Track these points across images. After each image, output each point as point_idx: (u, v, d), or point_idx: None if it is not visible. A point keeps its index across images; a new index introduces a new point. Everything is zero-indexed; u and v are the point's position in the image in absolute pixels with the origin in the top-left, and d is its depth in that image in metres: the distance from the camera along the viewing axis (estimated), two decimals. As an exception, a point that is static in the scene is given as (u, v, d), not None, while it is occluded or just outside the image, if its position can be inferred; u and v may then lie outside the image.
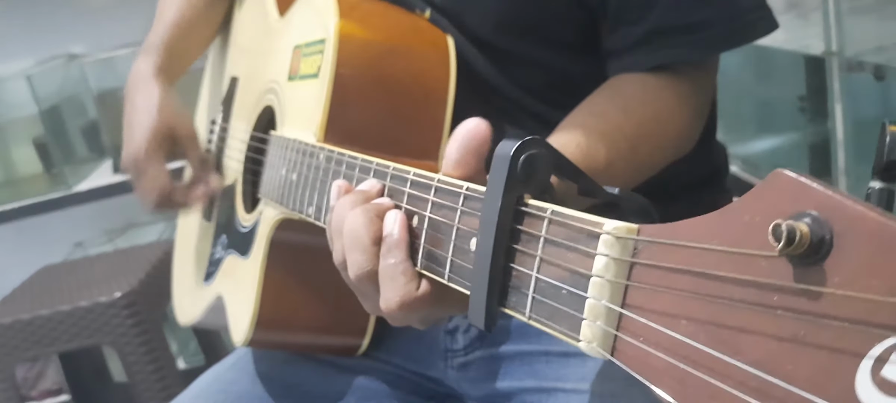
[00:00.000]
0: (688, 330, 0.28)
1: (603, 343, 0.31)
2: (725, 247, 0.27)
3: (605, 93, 0.63)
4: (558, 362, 0.66)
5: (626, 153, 0.58)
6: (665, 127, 0.62)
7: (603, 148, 0.56)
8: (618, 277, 0.31)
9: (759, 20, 0.63)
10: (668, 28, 0.62)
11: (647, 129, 0.60)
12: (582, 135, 0.56)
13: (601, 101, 0.61)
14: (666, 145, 0.63)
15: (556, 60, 0.68)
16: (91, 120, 2.13)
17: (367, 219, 0.45)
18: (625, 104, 0.61)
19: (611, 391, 0.62)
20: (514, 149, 0.36)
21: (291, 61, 0.72)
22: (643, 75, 0.63)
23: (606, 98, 0.62)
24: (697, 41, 0.62)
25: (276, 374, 0.76)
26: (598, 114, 0.59)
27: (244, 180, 0.81)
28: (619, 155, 0.57)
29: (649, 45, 0.62)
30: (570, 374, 0.65)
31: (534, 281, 0.35)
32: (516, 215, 0.37)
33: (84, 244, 2.10)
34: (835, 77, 1.32)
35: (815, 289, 0.24)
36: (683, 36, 0.62)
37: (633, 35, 0.63)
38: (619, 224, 0.31)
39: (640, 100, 0.61)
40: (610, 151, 0.57)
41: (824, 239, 0.24)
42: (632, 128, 0.59)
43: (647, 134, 0.60)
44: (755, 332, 0.26)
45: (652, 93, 0.62)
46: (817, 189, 0.24)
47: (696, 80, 0.64)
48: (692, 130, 0.65)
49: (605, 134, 0.57)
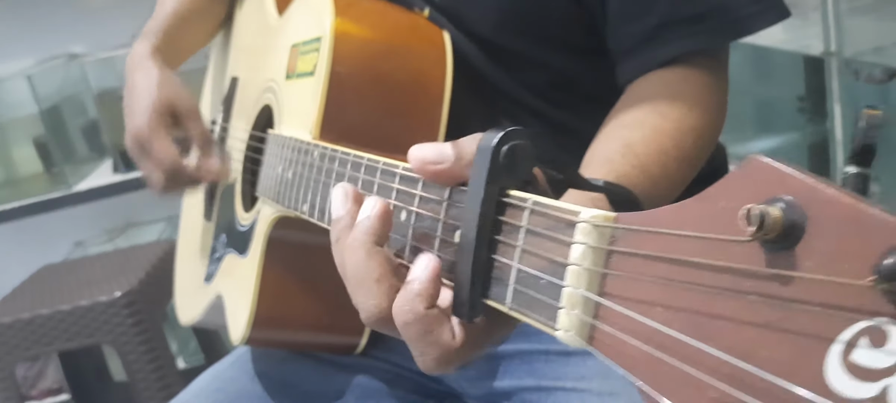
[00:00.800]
0: (663, 318, 0.27)
1: (580, 331, 0.31)
2: (701, 233, 0.27)
3: (628, 100, 0.61)
4: (558, 361, 0.66)
5: (674, 151, 0.56)
6: (700, 119, 0.60)
7: (651, 153, 0.54)
8: (595, 265, 0.31)
9: (768, 8, 0.61)
10: (676, 20, 0.60)
11: (685, 124, 0.58)
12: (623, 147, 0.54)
13: (628, 110, 0.59)
14: (706, 135, 0.60)
15: (555, 59, 0.67)
16: (91, 119, 2.13)
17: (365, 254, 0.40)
18: (654, 106, 0.59)
19: (610, 389, 0.62)
20: (496, 140, 0.36)
21: (289, 60, 0.72)
22: (661, 73, 0.61)
23: (632, 105, 0.60)
24: (707, 30, 0.61)
25: (274, 373, 0.76)
26: (631, 122, 0.57)
27: (243, 179, 0.81)
28: (668, 156, 0.55)
29: (658, 39, 0.61)
30: (569, 373, 0.65)
31: (515, 271, 0.35)
32: (499, 206, 0.37)
33: (84, 243, 2.10)
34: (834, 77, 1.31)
35: (786, 274, 0.24)
36: (692, 26, 0.60)
37: (639, 32, 0.61)
38: (596, 212, 0.31)
39: (667, 98, 0.60)
40: (659, 155, 0.55)
41: (796, 223, 0.24)
42: (671, 125, 0.57)
43: (687, 128, 0.58)
44: (728, 318, 0.25)
45: (675, 88, 0.60)
46: (791, 174, 0.24)
47: (713, 71, 0.63)
48: (721, 119, 0.63)
49: (646, 140, 0.55)
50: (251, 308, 0.68)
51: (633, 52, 0.62)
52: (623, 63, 0.63)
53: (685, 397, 0.26)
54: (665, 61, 0.61)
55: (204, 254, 0.88)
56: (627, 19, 0.62)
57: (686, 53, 0.61)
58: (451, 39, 0.67)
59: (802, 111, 1.46)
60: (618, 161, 0.53)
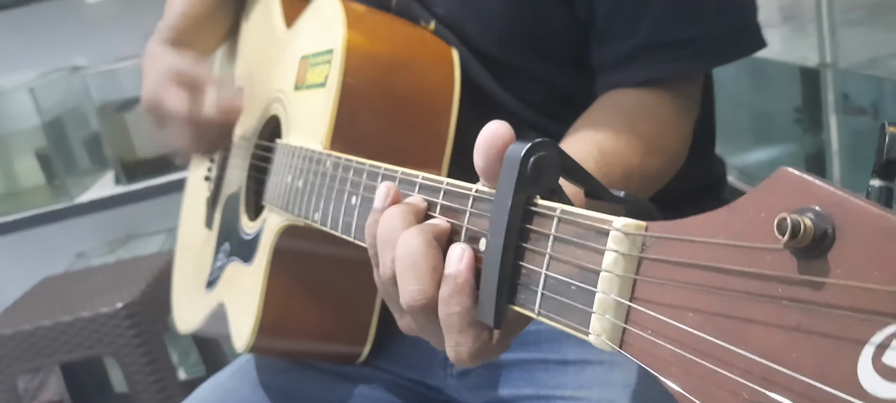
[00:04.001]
0: (695, 322, 0.29)
1: (611, 335, 0.32)
2: (732, 241, 0.28)
3: (605, 109, 0.63)
4: (557, 370, 0.67)
5: (637, 169, 0.58)
6: (670, 140, 0.63)
7: (618, 164, 0.57)
8: (627, 272, 0.32)
9: (746, 40, 0.63)
10: (656, 44, 0.62)
11: (655, 144, 0.61)
12: (597, 153, 0.56)
13: (605, 119, 0.61)
14: (672, 159, 0.63)
15: (556, 74, 0.68)
16: (93, 131, 2.13)
17: (425, 242, 0.41)
18: (629, 121, 0.61)
19: (609, 398, 0.63)
20: (524, 150, 0.37)
21: (298, 71, 0.72)
22: (637, 91, 0.63)
23: (609, 115, 0.62)
24: (685, 57, 0.62)
25: (276, 383, 0.76)
26: (607, 130, 0.59)
27: (248, 188, 0.82)
28: (632, 170, 0.58)
29: (637, 60, 0.63)
30: (568, 382, 0.66)
31: (543, 278, 0.36)
32: (526, 215, 0.38)
33: (86, 255, 2.10)
34: (830, 88, 1.33)
35: (818, 280, 0.25)
36: (671, 52, 0.62)
37: (621, 50, 0.63)
38: (628, 221, 0.32)
39: (642, 116, 0.62)
40: (624, 168, 0.57)
41: (827, 232, 0.25)
42: (641, 144, 0.59)
43: (656, 148, 0.61)
44: (761, 322, 0.26)
45: (650, 107, 0.63)
46: (820, 185, 0.25)
47: (688, 95, 0.65)
48: (688, 142, 0.66)
49: (617, 151, 0.57)
50: (256, 315, 0.68)
51: (613, 69, 0.64)
52: (603, 77, 0.65)
53: (719, 398, 0.27)
54: (644, 81, 0.63)
55: (205, 262, 0.88)
56: (612, 37, 0.64)
57: (663, 77, 0.63)
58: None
59: (799, 122, 1.48)
60: (591, 166, 0.54)
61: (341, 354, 0.74)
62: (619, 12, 0.63)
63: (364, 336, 0.72)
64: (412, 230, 0.42)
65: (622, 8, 0.63)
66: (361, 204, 0.52)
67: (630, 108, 0.62)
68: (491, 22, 0.67)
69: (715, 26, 0.62)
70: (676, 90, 0.64)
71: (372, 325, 0.72)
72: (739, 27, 0.63)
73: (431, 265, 0.40)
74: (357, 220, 0.53)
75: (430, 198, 0.45)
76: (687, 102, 0.65)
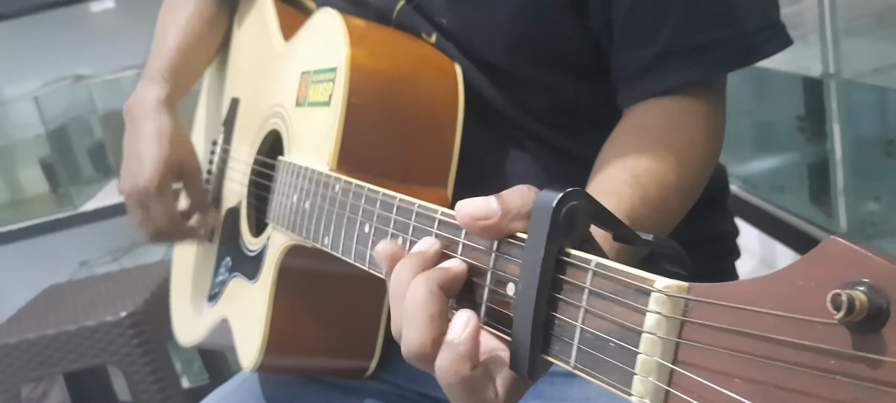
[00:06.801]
0: (742, 390, 0.28)
1: (654, 398, 0.32)
2: (780, 312, 0.27)
3: (630, 131, 0.62)
4: (562, 382, 0.66)
5: (675, 184, 0.57)
6: (701, 150, 0.61)
7: (654, 186, 0.56)
8: (669, 334, 0.31)
9: (770, 38, 0.62)
10: (678, 50, 0.61)
11: (688, 156, 0.59)
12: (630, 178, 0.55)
13: (632, 141, 0.60)
14: (705, 169, 0.62)
15: (562, 84, 0.68)
16: (97, 140, 2.14)
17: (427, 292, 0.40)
18: (657, 137, 0.60)
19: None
20: (556, 200, 0.37)
21: (299, 87, 0.72)
22: (661, 102, 0.62)
23: (636, 136, 0.61)
24: (708, 61, 0.61)
25: (280, 397, 0.76)
26: (636, 153, 0.58)
27: (248, 204, 0.81)
28: (669, 187, 0.57)
29: (660, 68, 0.61)
30: (573, 394, 0.66)
31: (579, 331, 0.36)
32: (558, 264, 0.37)
33: (90, 263, 2.10)
34: (833, 98, 1.33)
35: (874, 357, 0.25)
36: (694, 56, 0.61)
37: (642, 59, 0.62)
38: (669, 282, 0.32)
39: (669, 129, 0.61)
40: (661, 187, 0.56)
41: (882, 308, 0.24)
42: (673, 158, 0.58)
43: (691, 160, 0.59)
44: (814, 396, 0.26)
45: (675, 119, 0.61)
46: (872, 258, 0.25)
47: (712, 101, 0.63)
48: (718, 149, 0.64)
49: (652, 172, 0.56)
50: (263, 334, 0.68)
51: (634, 79, 0.63)
52: (624, 89, 0.64)
53: None
54: (666, 90, 0.62)
55: (205, 276, 0.87)
56: (631, 46, 0.63)
57: (687, 83, 0.62)
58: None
59: (802, 131, 1.47)
60: (625, 192, 0.54)
61: (349, 369, 0.73)
62: (637, 20, 0.62)
63: (371, 350, 0.72)
64: (416, 279, 0.41)
65: (640, 15, 0.61)
66: (375, 234, 0.51)
67: (656, 125, 0.61)
68: (497, 30, 0.66)
69: (734, 28, 0.61)
70: (699, 97, 0.62)
71: (379, 339, 0.71)
72: (759, 27, 0.62)
73: (429, 313, 0.40)
74: (371, 249, 0.52)
75: (451, 235, 0.44)
76: (711, 108, 0.63)
